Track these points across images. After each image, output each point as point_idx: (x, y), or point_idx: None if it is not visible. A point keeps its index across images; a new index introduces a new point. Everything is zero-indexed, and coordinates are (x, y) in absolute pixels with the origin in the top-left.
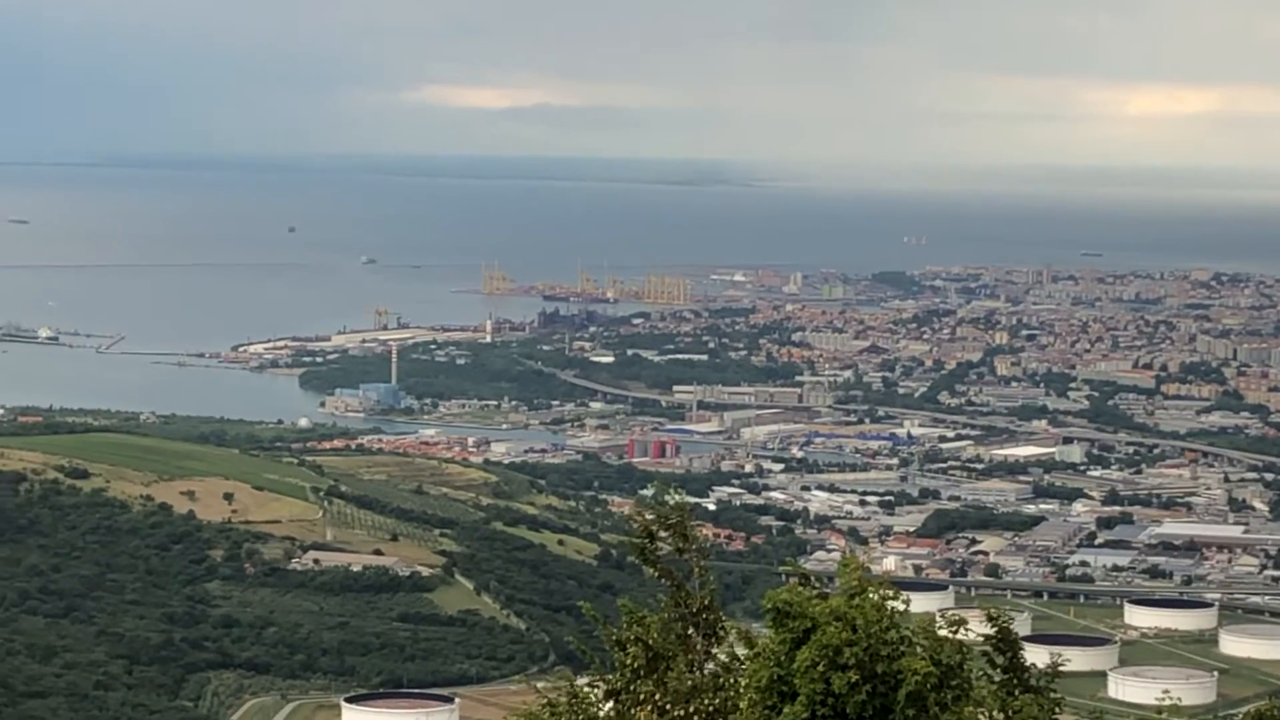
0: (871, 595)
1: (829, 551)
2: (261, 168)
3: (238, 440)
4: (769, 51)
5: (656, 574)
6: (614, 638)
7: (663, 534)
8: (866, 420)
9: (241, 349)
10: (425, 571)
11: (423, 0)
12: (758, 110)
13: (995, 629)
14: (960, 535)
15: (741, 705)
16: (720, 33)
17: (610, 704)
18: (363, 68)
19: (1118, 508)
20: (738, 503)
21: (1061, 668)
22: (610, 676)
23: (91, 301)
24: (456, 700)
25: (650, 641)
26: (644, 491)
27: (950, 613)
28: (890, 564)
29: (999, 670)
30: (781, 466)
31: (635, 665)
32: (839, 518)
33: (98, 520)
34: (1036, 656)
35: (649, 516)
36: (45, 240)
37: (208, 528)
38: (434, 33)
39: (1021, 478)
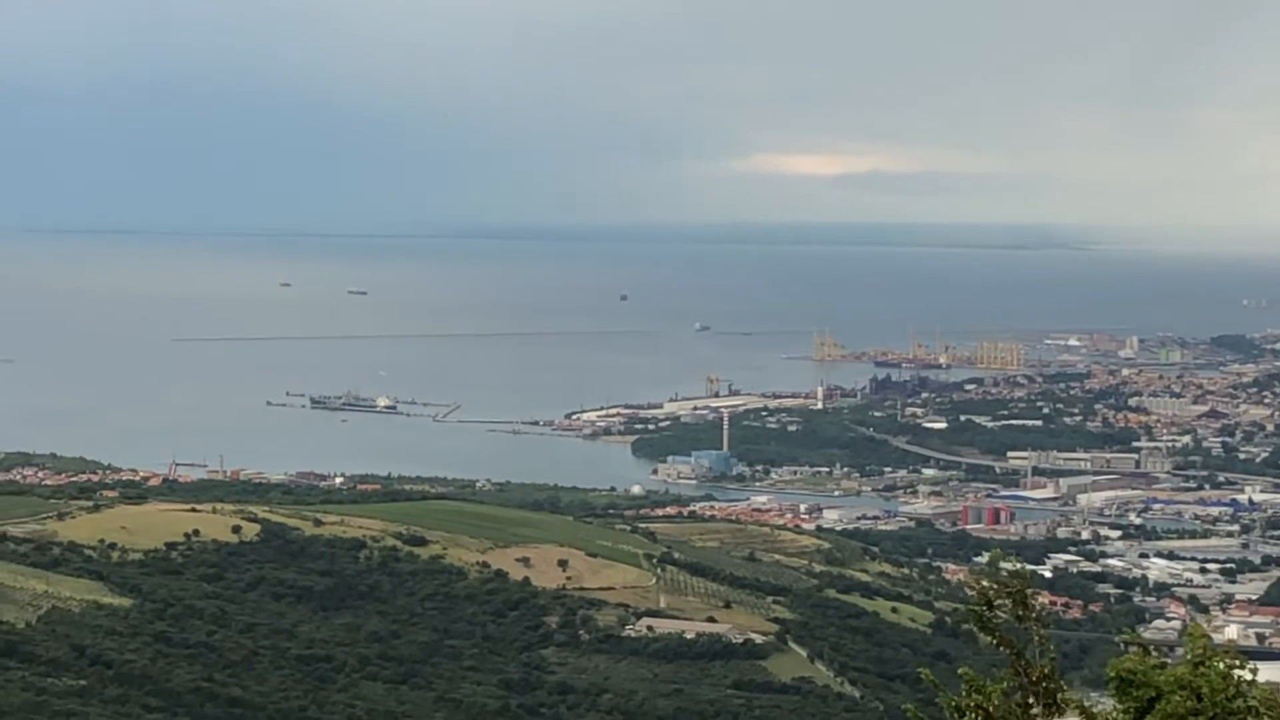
0: (1218, 664)
1: (1168, 620)
2: (594, 237)
3: (571, 507)
4: (1100, 115)
5: (995, 642)
6: (953, 705)
7: (1001, 602)
8: (1206, 486)
9: (575, 416)
10: (759, 639)
11: (753, 69)
12: (1091, 173)
13: None
14: None
15: None
16: (1052, 97)
17: None
18: (694, 137)
19: None
20: (1074, 570)
21: None
22: None
23: (428, 371)
24: None
25: (990, 710)
26: (978, 559)
27: None
28: (1232, 632)
29: None
30: (1119, 533)
31: None
32: (1179, 585)
33: (435, 587)
34: None
35: (987, 584)
36: (383, 311)
37: (543, 594)
38: (765, 101)
39: None
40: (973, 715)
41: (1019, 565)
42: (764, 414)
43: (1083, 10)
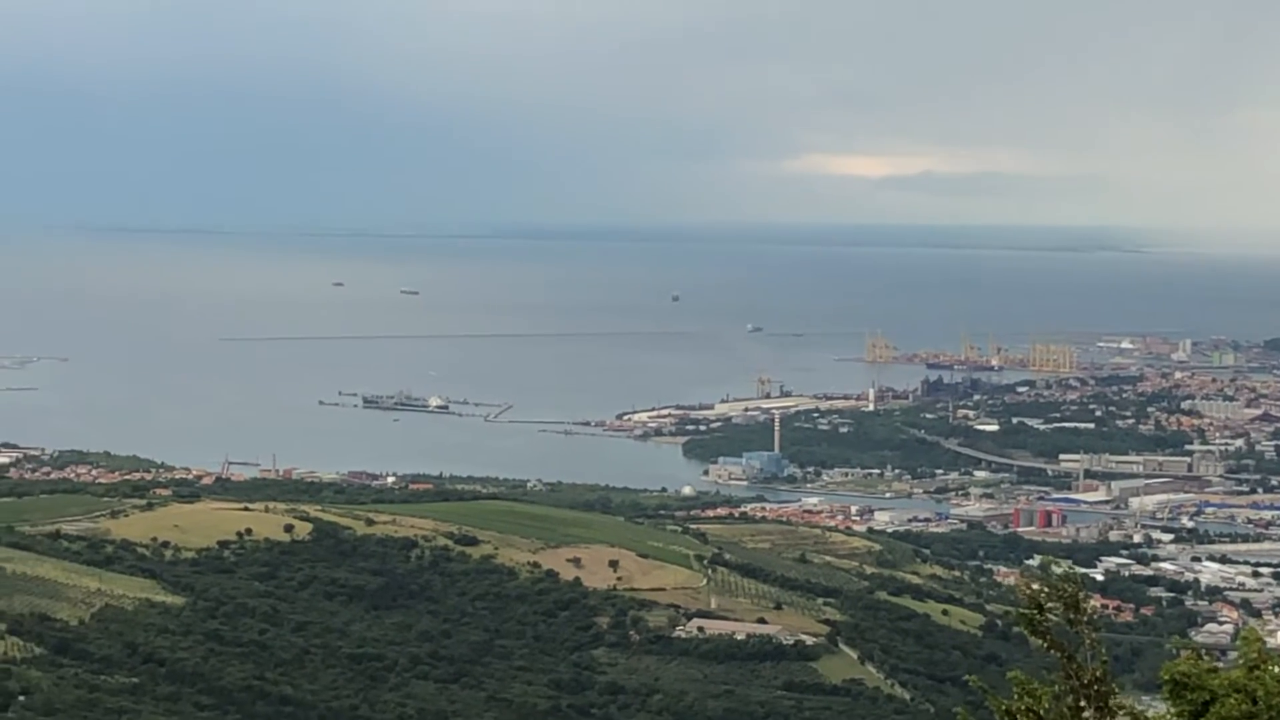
0: (1272, 668)
1: (1220, 624)
2: (645, 237)
3: (622, 508)
4: (1153, 116)
5: (1046, 645)
6: (1003, 708)
7: (1052, 605)
8: (1259, 490)
9: (626, 417)
10: (809, 640)
11: (805, 69)
12: (1143, 176)
13: None
14: None
15: None
16: (1104, 99)
17: None
18: (744, 137)
19: None
20: (1126, 573)
21: None
22: None
23: (480, 371)
24: None
25: (1041, 713)
26: (1030, 562)
27: None
28: None
29: None
30: (1171, 537)
31: None
32: (1231, 589)
33: (486, 587)
34: None
35: (1037, 587)
36: (435, 311)
37: (593, 595)
38: (817, 101)
39: None
40: (1024, 719)
41: (1070, 568)
42: (815, 415)
43: (1135, 12)
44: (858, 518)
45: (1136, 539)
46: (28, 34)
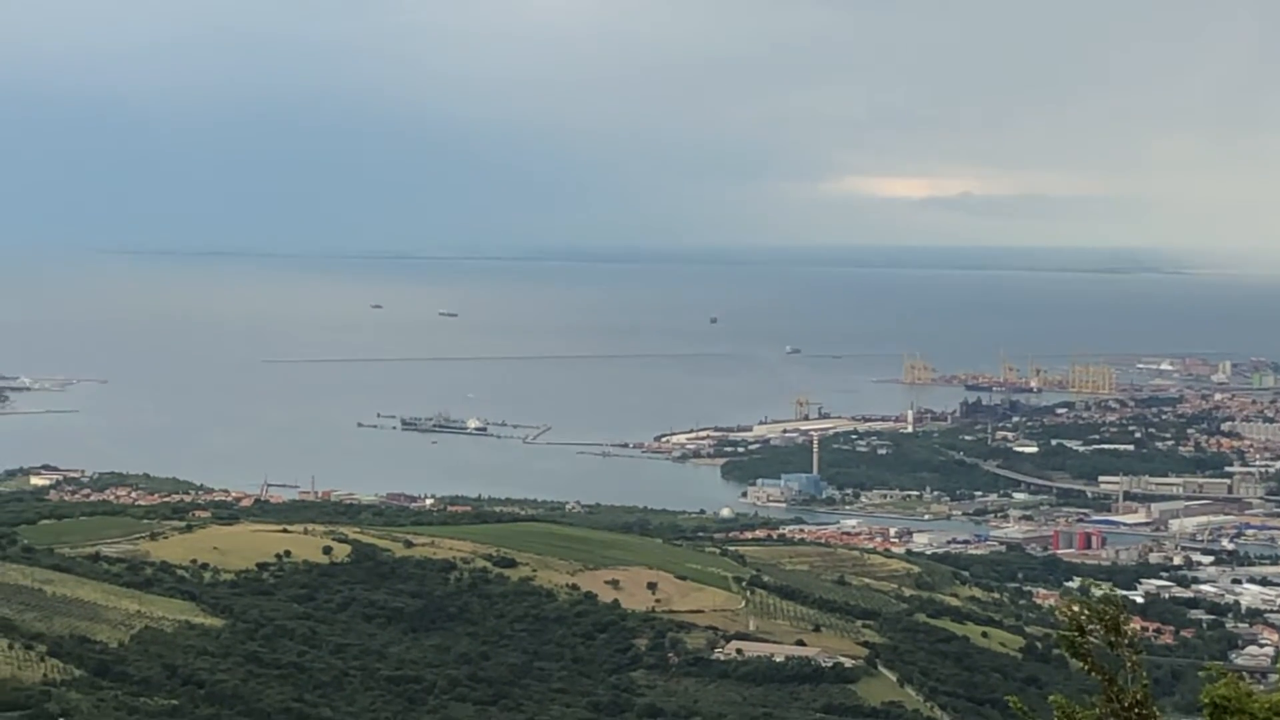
0: None
1: (1261, 646)
2: (684, 259)
3: (661, 530)
4: (1194, 138)
5: (1087, 668)
6: None
7: (1091, 627)
8: None
9: (664, 439)
10: (848, 663)
11: (844, 92)
12: (1183, 196)
13: None
14: None
15: None
16: (1143, 120)
17: None
18: (783, 159)
19: None
20: (1166, 595)
21: None
22: None
23: (518, 393)
24: None
25: None
26: (1069, 584)
27: None
28: None
29: None
30: (1211, 559)
31: None
32: (1272, 612)
33: (525, 609)
34: None
35: (1077, 609)
36: (474, 333)
37: (632, 617)
38: (855, 124)
39: None
40: None
41: (1110, 591)
42: (854, 437)
43: (1176, 34)
44: (896, 540)
45: (1176, 561)
46: (53, 63)
